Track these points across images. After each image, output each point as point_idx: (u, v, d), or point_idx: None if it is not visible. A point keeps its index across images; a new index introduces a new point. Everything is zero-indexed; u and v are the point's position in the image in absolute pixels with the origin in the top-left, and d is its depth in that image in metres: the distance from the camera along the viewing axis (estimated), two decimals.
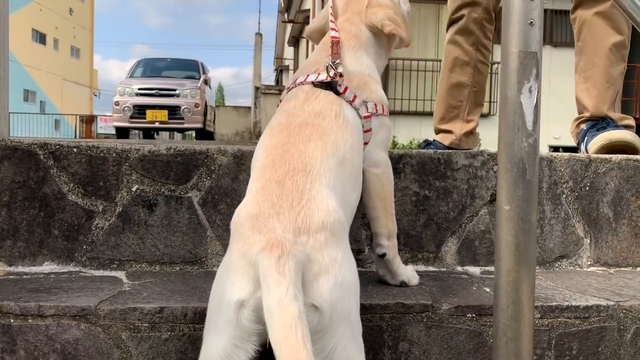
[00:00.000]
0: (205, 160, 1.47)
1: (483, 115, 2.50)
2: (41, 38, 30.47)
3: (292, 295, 0.80)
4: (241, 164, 1.47)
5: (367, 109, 1.20)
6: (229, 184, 1.47)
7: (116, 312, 1.13)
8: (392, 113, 11.37)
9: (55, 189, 1.44)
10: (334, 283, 0.87)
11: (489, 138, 2.59)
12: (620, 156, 1.66)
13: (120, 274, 1.40)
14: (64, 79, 32.03)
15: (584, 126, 2.02)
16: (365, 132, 1.20)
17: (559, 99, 8.36)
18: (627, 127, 1.98)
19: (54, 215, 1.44)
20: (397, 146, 10.19)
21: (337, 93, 1.15)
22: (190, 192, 1.46)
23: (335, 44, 1.23)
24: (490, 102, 9.49)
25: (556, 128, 9.20)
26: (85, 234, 1.44)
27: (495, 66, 8.57)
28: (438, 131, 2.22)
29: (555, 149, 9.57)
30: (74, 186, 1.44)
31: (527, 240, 1.02)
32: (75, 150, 1.44)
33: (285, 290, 0.81)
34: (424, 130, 10.70)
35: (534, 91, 1.03)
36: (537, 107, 1.03)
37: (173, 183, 1.46)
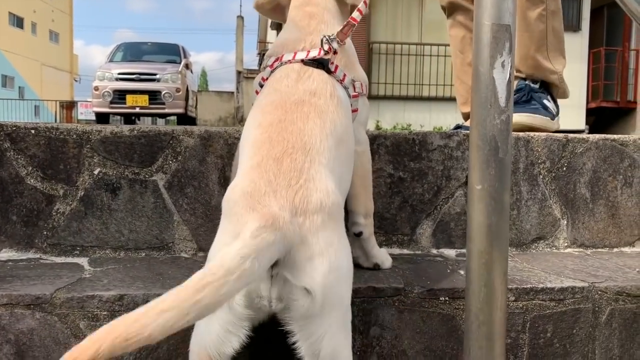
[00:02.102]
0: (171, 142, 1.41)
1: None
2: (18, 22, 29.80)
3: (247, 253, 0.75)
4: (209, 145, 1.42)
5: (354, 88, 1.17)
6: (196, 167, 1.42)
7: (73, 300, 1.08)
8: (376, 97, 11.25)
9: (13, 173, 1.37)
10: (329, 267, 0.83)
11: None
12: (597, 136, 1.63)
13: (82, 261, 1.35)
14: (43, 64, 31.42)
15: None
16: (352, 111, 1.16)
17: None
18: (545, 85, 1.93)
19: (12, 200, 1.37)
20: (380, 131, 10.16)
21: (329, 72, 1.10)
22: (156, 175, 1.41)
23: None
24: None
25: None
26: (46, 219, 1.38)
27: None
28: (466, 116, 2.14)
29: None
30: (33, 169, 1.38)
31: (500, 220, 0.99)
32: (33, 131, 1.38)
33: (242, 245, 0.76)
34: (407, 115, 10.69)
35: (506, 66, 0.98)
36: (510, 83, 0.99)
37: (137, 166, 1.40)
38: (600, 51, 11.45)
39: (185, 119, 11.26)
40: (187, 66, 11.58)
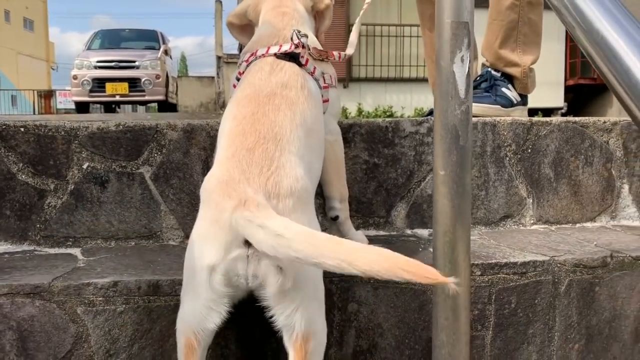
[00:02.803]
0: (155, 136, 1.48)
1: None
2: None
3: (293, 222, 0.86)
4: (192, 138, 1.49)
5: (324, 80, 1.24)
6: (180, 159, 1.49)
7: (70, 287, 1.15)
8: (357, 80, 11.17)
9: (4, 169, 1.43)
10: None
11: None
12: (560, 118, 1.73)
13: (76, 251, 1.42)
14: (19, 53, 30.78)
15: None
16: (323, 102, 1.24)
17: None
18: (507, 75, 1.97)
19: (5, 196, 1.43)
20: (363, 114, 10.22)
21: (300, 65, 1.18)
22: (142, 168, 1.48)
23: None
24: None
25: None
26: (38, 213, 1.45)
27: None
28: None
29: None
30: (24, 166, 1.44)
31: (462, 202, 1.08)
32: (22, 129, 1.43)
33: (282, 219, 0.86)
34: (389, 97, 10.75)
35: (465, 60, 1.07)
36: (469, 76, 1.07)
37: (124, 159, 1.47)
38: None
39: (166, 106, 11.23)
40: (166, 52, 11.52)
